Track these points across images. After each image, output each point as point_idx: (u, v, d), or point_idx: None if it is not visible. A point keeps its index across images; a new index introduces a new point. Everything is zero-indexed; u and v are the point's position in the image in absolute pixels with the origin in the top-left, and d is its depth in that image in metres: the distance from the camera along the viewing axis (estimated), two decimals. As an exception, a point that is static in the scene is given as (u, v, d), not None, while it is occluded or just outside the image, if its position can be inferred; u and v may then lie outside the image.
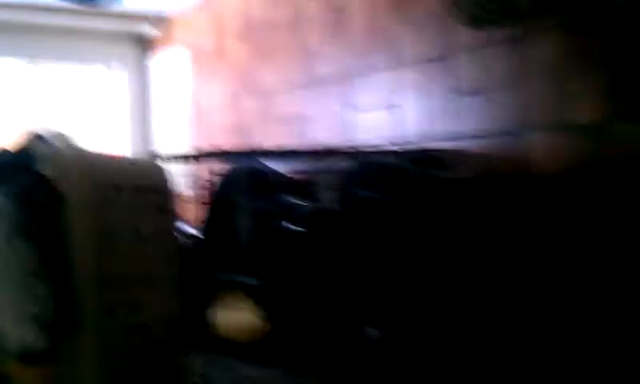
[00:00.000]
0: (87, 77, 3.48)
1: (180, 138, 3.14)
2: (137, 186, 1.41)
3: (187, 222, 1.99)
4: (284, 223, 1.52)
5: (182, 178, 1.87)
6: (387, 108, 2.02)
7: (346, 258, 1.41)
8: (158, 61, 3.34)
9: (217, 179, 1.97)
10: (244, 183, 1.98)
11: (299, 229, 1.45)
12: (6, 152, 1.39)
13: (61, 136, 1.37)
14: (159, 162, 1.65)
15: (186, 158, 1.62)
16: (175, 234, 1.48)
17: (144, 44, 3.46)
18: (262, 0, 2.56)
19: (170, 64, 3.23)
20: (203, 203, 1.92)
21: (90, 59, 3.39)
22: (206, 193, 1.96)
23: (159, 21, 3.26)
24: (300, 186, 1.96)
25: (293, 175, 2.09)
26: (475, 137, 1.75)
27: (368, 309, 1.44)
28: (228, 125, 2.81)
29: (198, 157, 1.58)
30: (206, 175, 2.04)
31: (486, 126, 1.73)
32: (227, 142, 2.79)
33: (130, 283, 1.38)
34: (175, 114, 3.19)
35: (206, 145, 2.89)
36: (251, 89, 2.65)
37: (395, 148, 1.77)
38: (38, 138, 1.38)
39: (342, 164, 1.81)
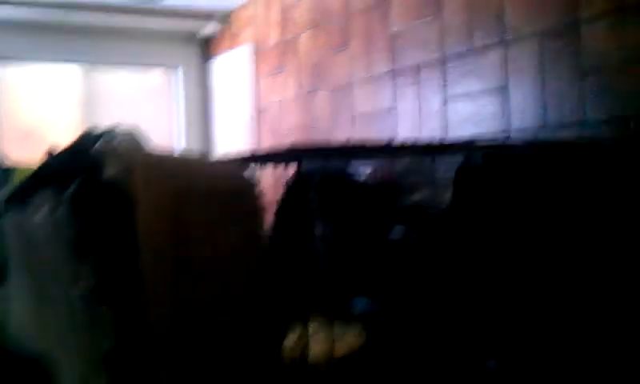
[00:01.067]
0: (146, 81, 3.29)
1: (245, 142, 2.91)
2: (218, 192, 1.17)
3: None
4: (394, 230, 1.26)
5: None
6: (492, 95, 1.73)
7: (475, 270, 1.14)
8: (219, 60, 3.12)
9: (290, 182, 1.73)
10: (330, 185, 1.73)
11: (417, 236, 1.19)
12: (62, 152, 1.17)
13: (128, 133, 1.14)
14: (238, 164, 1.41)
15: (269, 158, 1.38)
16: (262, 246, 1.24)
17: (204, 43, 3.25)
18: (336, -17, 2.30)
19: (232, 63, 3.01)
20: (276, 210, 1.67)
21: (147, 62, 3.21)
22: (279, 198, 1.71)
23: (219, 17, 3.04)
24: (392, 189, 1.71)
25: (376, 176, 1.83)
26: (605, 123, 1.45)
27: (493, 332, 1.16)
28: (298, 125, 2.56)
29: (281, 156, 1.33)
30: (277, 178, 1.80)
31: (618, 112, 1.44)
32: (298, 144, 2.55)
33: (209, 306, 1.15)
34: (239, 116, 2.96)
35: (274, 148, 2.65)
36: (325, 84, 2.40)
37: (513, 141, 1.49)
38: (101, 136, 1.15)
39: (446, 160, 1.54)
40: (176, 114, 3.23)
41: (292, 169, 1.67)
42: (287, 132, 2.63)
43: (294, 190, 1.76)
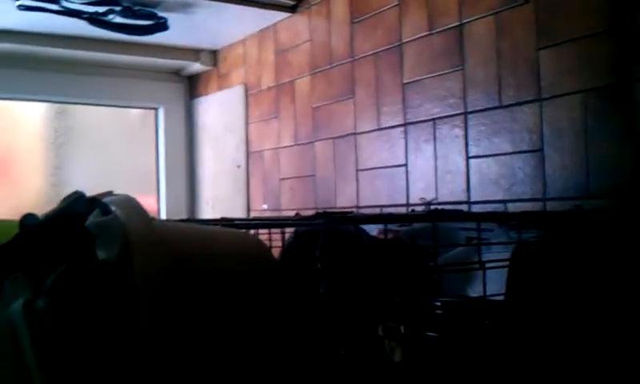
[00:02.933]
0: (125, 120, 3.06)
1: (232, 190, 2.70)
2: (236, 272, 0.96)
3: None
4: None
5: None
6: (524, 158, 1.56)
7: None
8: (206, 101, 2.91)
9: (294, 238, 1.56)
10: (335, 244, 1.55)
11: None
12: (41, 224, 0.95)
13: (124, 201, 0.93)
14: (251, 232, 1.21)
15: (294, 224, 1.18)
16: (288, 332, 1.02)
17: (189, 82, 3.05)
18: (343, 26, 2.12)
19: (220, 104, 2.80)
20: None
21: (127, 100, 2.98)
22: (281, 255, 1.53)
23: (207, 55, 2.85)
24: (404, 252, 1.52)
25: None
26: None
27: None
28: (294, 175, 2.36)
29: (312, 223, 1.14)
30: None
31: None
32: (293, 196, 2.35)
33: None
34: (227, 161, 2.75)
35: (265, 199, 2.45)
36: (325, 133, 2.21)
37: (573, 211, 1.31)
38: (92, 204, 0.94)
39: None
40: (156, 157, 3.01)
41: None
42: (281, 182, 2.43)
43: (297, 247, 1.58)
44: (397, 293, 1.40)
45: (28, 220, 0.97)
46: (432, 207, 1.81)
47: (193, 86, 3.02)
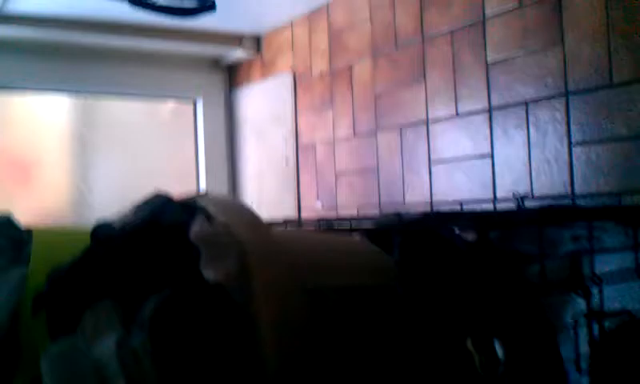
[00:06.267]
0: (156, 115, 2.86)
1: (281, 188, 2.50)
2: (366, 287, 0.77)
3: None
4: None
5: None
6: (636, 139, 1.35)
7: None
8: (249, 91, 2.71)
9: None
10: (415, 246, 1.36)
11: None
12: (124, 234, 0.75)
13: (233, 206, 0.73)
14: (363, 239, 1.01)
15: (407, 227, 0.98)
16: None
17: (230, 71, 2.85)
18: (410, 2, 1.91)
19: (265, 94, 2.60)
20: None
21: (162, 91, 2.78)
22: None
23: (249, 41, 2.64)
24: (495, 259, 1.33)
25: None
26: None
27: None
28: (353, 171, 2.16)
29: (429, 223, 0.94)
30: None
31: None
32: (352, 193, 2.15)
33: None
34: (273, 157, 2.55)
35: (318, 197, 2.26)
36: (390, 123, 2.00)
37: None
38: (184, 208, 0.74)
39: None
40: (195, 153, 2.81)
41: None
42: (337, 178, 2.23)
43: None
44: (492, 304, 1.21)
45: (102, 230, 0.78)
46: (525, 203, 1.61)
47: (233, 76, 2.82)
